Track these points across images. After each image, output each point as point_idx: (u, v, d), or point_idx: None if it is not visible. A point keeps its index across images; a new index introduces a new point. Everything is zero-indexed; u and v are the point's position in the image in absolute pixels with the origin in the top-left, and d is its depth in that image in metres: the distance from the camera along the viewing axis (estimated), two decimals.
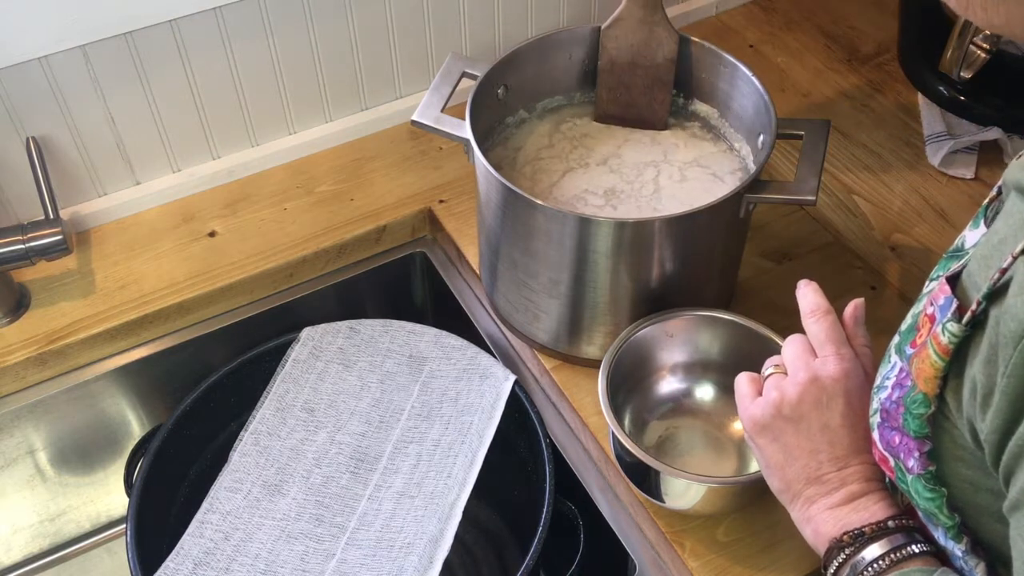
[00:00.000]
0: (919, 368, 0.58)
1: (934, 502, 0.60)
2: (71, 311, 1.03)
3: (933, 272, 0.67)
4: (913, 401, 0.59)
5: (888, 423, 0.62)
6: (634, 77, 0.94)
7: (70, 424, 1.07)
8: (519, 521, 1.09)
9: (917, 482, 0.60)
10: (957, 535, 0.61)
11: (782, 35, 1.33)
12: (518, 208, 0.87)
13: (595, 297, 0.90)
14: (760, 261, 1.06)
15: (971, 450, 0.57)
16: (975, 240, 0.62)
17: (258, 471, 0.99)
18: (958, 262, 0.61)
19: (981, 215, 0.63)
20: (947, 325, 0.55)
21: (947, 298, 0.57)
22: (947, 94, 1.15)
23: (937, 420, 0.59)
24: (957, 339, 0.55)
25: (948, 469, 0.59)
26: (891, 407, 0.62)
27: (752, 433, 0.73)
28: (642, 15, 0.89)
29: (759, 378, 0.75)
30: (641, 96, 0.95)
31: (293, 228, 1.11)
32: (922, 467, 0.60)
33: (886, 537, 0.65)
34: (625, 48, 0.92)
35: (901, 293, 1.03)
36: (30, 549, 1.17)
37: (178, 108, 1.09)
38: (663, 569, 0.86)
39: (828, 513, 0.68)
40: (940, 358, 0.56)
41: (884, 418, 0.63)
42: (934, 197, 1.10)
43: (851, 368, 0.70)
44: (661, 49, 0.91)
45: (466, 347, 1.02)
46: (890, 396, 0.62)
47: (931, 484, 0.60)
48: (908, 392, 0.60)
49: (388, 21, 1.15)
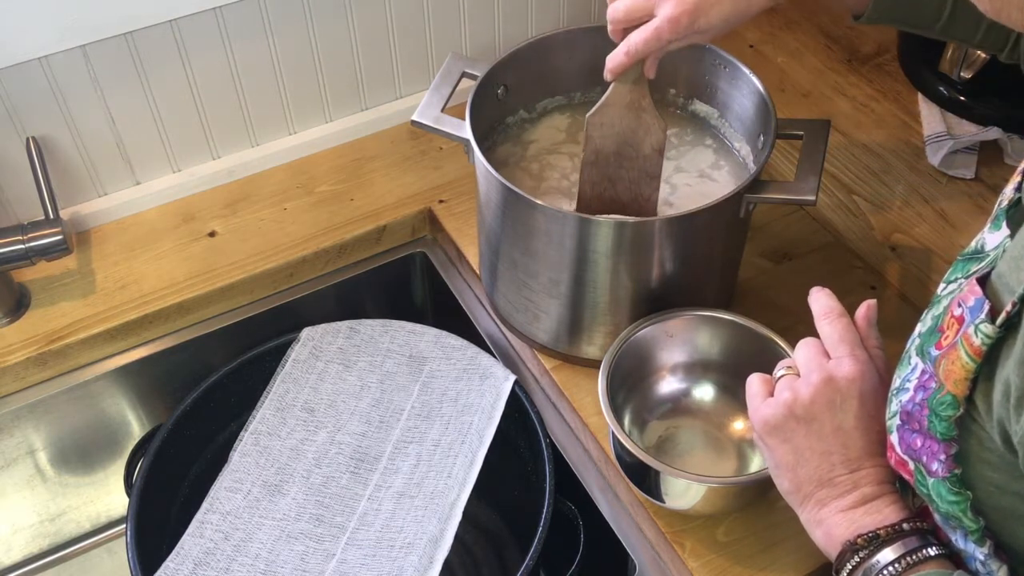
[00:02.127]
0: (948, 370, 0.58)
1: (958, 505, 0.59)
2: (71, 311, 1.03)
3: (949, 274, 0.66)
4: (940, 403, 0.58)
5: (909, 426, 0.62)
6: (620, 170, 0.90)
7: (70, 424, 1.07)
8: (519, 521, 1.09)
9: (940, 485, 0.60)
10: (980, 539, 0.60)
11: (782, 35, 1.33)
12: (518, 208, 0.87)
13: (595, 297, 0.90)
14: (760, 261, 1.06)
15: (999, 453, 0.56)
16: (996, 242, 0.62)
17: (258, 471, 0.99)
18: (978, 264, 0.61)
19: (1002, 217, 0.63)
20: (980, 326, 0.55)
21: (978, 299, 0.56)
22: (947, 94, 1.15)
23: (964, 423, 0.58)
24: (991, 340, 0.54)
25: (974, 472, 0.59)
26: (914, 409, 0.61)
27: (763, 433, 0.72)
28: (629, 100, 0.86)
29: (771, 379, 0.74)
30: (626, 191, 0.91)
31: (293, 228, 1.11)
32: (947, 470, 0.59)
33: (900, 540, 0.64)
34: (611, 136, 0.88)
35: (901, 293, 1.03)
36: (30, 549, 1.17)
37: (178, 108, 1.09)
38: (663, 569, 0.86)
39: (840, 516, 0.67)
40: (972, 359, 0.55)
41: (905, 420, 0.62)
42: (934, 197, 1.09)
43: (866, 370, 0.70)
44: (649, 138, 0.88)
45: (466, 347, 1.02)
46: (912, 399, 0.61)
47: (956, 487, 0.59)
48: (934, 394, 0.59)
49: (388, 21, 1.15)
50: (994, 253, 0.61)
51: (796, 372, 0.72)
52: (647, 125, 0.88)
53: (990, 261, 0.59)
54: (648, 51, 0.82)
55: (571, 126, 1.02)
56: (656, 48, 0.81)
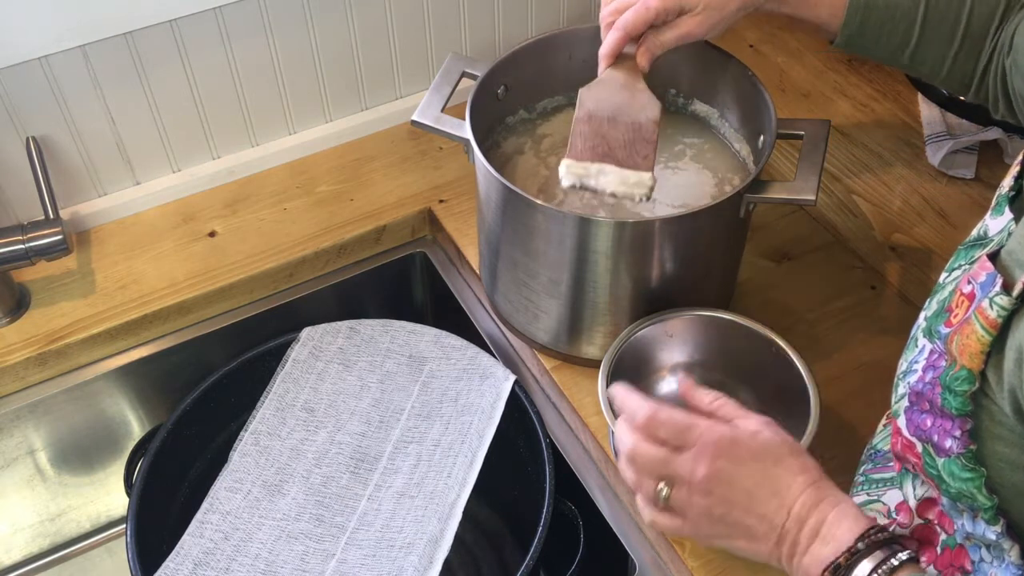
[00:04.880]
0: (963, 344, 0.59)
1: (973, 482, 0.60)
2: (71, 311, 1.03)
3: (952, 263, 0.67)
4: (955, 379, 0.59)
5: (918, 406, 0.62)
6: (614, 131, 0.86)
7: (70, 424, 1.07)
8: (519, 521, 1.09)
9: (952, 464, 0.60)
10: (994, 517, 0.60)
11: (782, 35, 1.33)
12: (518, 208, 0.87)
13: (595, 297, 0.90)
14: (760, 261, 1.06)
15: (1010, 426, 0.57)
16: (1000, 226, 0.63)
17: (258, 471, 0.99)
18: (982, 249, 0.61)
19: (1004, 202, 0.64)
20: (995, 299, 0.56)
21: (989, 274, 0.58)
22: (947, 94, 1.15)
23: (976, 398, 0.59)
24: (1007, 312, 0.56)
25: (986, 449, 0.59)
26: (924, 389, 0.61)
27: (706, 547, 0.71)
28: (624, 82, 0.86)
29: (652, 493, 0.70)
30: (621, 149, 0.86)
31: (293, 228, 1.11)
32: (963, 446, 0.59)
33: (865, 559, 0.62)
34: (606, 105, 0.85)
35: (901, 293, 1.03)
36: (30, 549, 1.17)
37: (178, 108, 1.09)
38: (663, 569, 0.86)
39: (806, 557, 0.65)
40: (987, 332, 0.57)
41: (913, 401, 0.62)
42: (934, 197, 1.09)
43: (719, 429, 0.68)
44: (644, 112, 0.85)
45: (466, 347, 1.02)
46: (922, 379, 0.62)
47: (970, 464, 0.60)
48: (946, 371, 0.60)
49: (388, 21, 1.15)
50: (999, 236, 0.62)
51: (670, 484, 0.68)
52: (641, 103, 0.85)
53: (997, 243, 0.61)
54: (637, 24, 0.81)
55: None
56: (644, 21, 0.81)
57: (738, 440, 0.67)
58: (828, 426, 0.88)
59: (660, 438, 0.69)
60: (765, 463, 0.66)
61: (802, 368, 0.84)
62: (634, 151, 0.86)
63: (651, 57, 0.84)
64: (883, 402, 0.85)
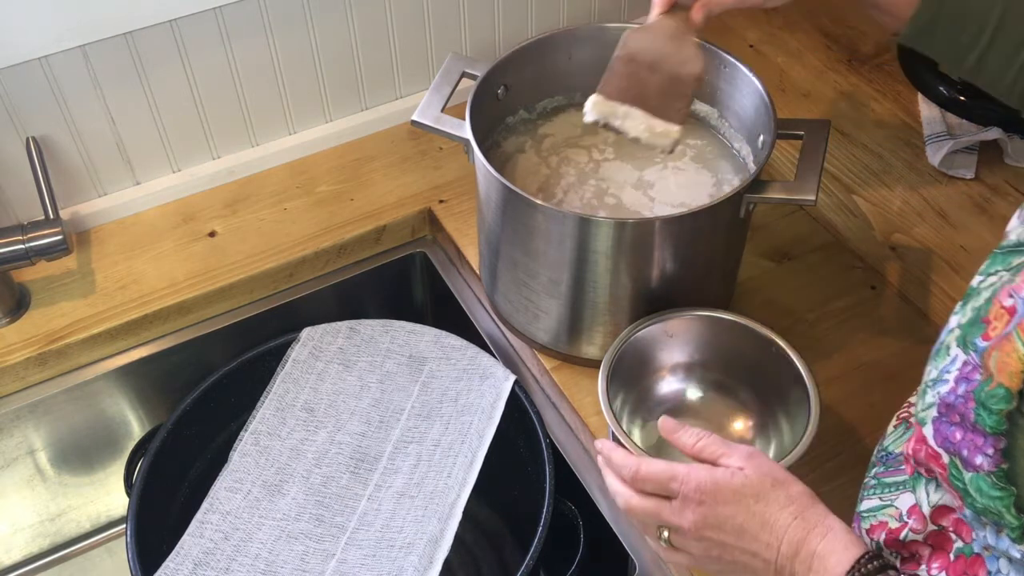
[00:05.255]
0: (1002, 362, 0.56)
1: (1001, 501, 0.58)
2: (71, 311, 1.03)
3: (987, 267, 0.65)
4: (991, 396, 0.57)
5: (948, 418, 0.60)
6: (652, 76, 0.85)
7: (70, 424, 1.07)
8: (519, 521, 1.09)
9: (981, 480, 0.59)
10: (1020, 536, 0.59)
11: (782, 35, 1.33)
12: (518, 208, 0.87)
13: (595, 297, 0.90)
14: (760, 261, 1.06)
15: None
16: None
17: (258, 471, 0.99)
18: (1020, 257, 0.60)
19: None
20: None
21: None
22: (947, 94, 1.15)
23: (1012, 417, 0.57)
24: None
25: (1018, 468, 0.58)
26: (956, 401, 0.60)
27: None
28: (673, 32, 0.84)
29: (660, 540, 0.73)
30: (654, 96, 0.85)
31: (293, 228, 1.11)
32: (994, 464, 0.58)
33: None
34: (649, 52, 0.84)
35: (901, 293, 1.03)
36: (30, 549, 1.18)
37: (178, 108, 1.09)
38: (663, 569, 0.86)
39: None
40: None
41: (943, 412, 0.61)
42: (934, 197, 1.09)
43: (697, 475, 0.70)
44: (687, 65, 0.84)
45: (466, 347, 1.02)
46: (954, 390, 0.60)
47: (1001, 482, 0.58)
48: (981, 386, 0.58)
49: (388, 21, 1.15)
50: None
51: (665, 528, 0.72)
52: (687, 55, 0.84)
53: None
54: None
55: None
56: None
57: (718, 482, 0.69)
58: (828, 426, 0.88)
59: (647, 492, 0.72)
60: (747, 502, 0.68)
61: (802, 368, 0.84)
62: (668, 101, 0.85)
63: (707, 13, 0.82)
64: (884, 402, 0.85)
